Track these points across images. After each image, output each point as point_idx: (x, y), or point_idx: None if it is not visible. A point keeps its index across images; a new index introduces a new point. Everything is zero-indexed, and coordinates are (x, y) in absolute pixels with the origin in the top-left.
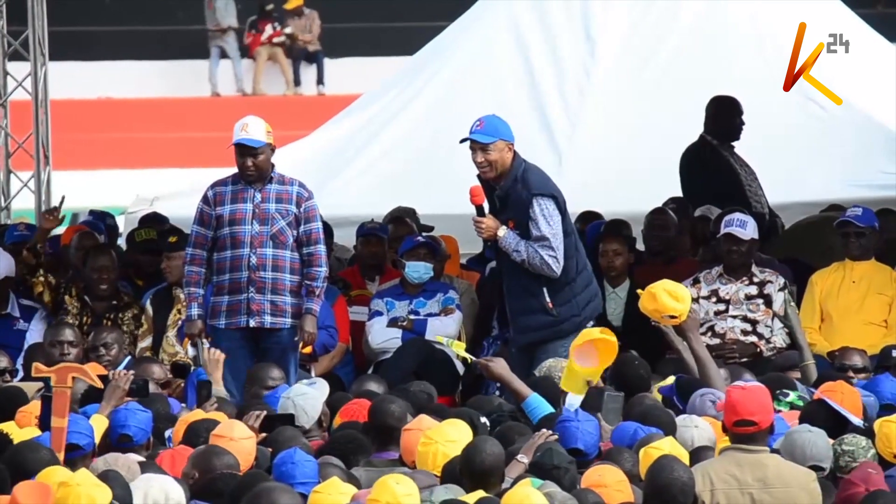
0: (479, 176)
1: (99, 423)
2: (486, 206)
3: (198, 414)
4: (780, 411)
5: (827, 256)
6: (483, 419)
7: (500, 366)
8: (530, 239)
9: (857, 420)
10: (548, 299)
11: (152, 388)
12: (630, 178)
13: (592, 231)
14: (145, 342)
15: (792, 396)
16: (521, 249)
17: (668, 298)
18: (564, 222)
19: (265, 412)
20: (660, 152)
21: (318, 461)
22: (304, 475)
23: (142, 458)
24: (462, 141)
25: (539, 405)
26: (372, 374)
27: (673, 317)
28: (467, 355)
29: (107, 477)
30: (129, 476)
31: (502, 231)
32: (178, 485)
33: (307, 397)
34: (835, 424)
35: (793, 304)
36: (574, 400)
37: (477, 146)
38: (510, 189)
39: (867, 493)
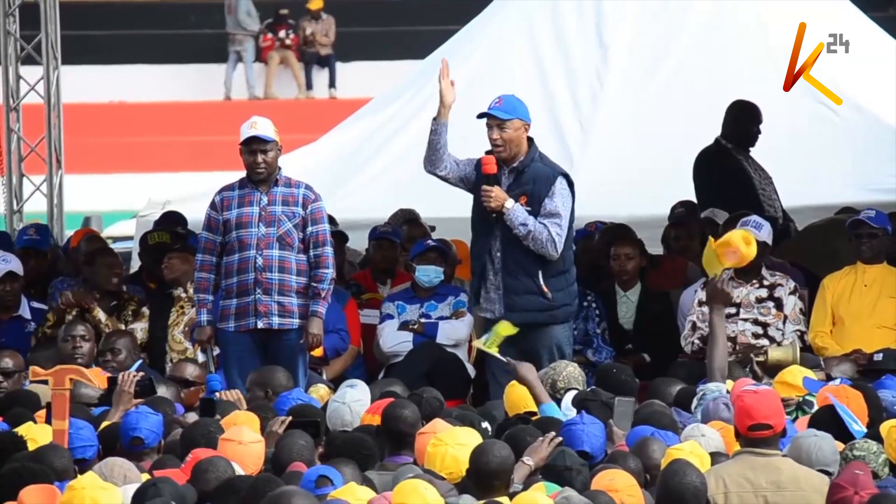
0: (489, 153)
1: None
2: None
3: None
4: (795, 419)
5: (833, 259)
6: (485, 424)
7: (526, 369)
8: (541, 215)
9: (859, 429)
10: (542, 282)
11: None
12: (642, 183)
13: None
14: (139, 325)
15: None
16: (530, 223)
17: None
18: (572, 212)
19: (290, 418)
20: (671, 157)
21: (332, 465)
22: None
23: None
24: (479, 116)
25: (553, 413)
26: (393, 378)
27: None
28: (500, 357)
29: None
30: (128, 481)
31: (510, 203)
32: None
33: (361, 404)
34: (842, 430)
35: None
36: (567, 401)
37: (494, 122)
38: (530, 164)
39: (856, 495)
